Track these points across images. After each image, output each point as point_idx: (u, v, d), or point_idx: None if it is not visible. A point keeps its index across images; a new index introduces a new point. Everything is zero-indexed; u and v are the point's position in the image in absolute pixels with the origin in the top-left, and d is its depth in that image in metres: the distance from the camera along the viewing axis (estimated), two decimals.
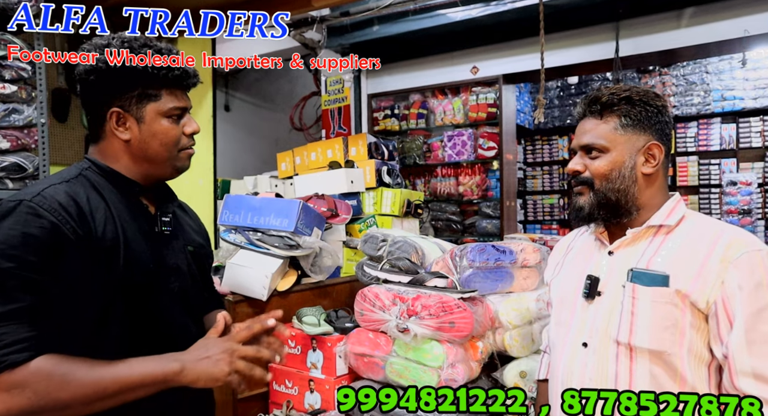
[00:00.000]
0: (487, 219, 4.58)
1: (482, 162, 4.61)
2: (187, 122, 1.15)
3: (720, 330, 1.04)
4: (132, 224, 1.08)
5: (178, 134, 1.12)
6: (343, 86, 4.96)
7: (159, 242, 1.13)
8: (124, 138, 1.10)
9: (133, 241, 1.06)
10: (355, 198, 2.72)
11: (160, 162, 1.12)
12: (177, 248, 1.17)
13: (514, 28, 4.11)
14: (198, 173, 3.38)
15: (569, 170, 1.20)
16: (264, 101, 6.57)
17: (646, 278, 1.08)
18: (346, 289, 2.37)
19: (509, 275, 1.96)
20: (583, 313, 1.17)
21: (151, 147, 1.10)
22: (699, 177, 5.99)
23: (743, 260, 1.04)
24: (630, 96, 1.15)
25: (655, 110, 1.16)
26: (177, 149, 1.13)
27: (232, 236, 2.11)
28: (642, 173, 1.15)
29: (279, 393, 1.99)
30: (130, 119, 1.10)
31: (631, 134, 1.14)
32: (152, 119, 1.10)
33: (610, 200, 1.14)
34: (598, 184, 1.15)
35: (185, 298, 1.16)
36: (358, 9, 4.27)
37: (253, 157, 5.92)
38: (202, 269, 1.26)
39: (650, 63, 5.14)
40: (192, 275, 1.19)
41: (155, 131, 1.10)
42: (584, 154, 1.18)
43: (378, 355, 1.77)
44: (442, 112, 4.74)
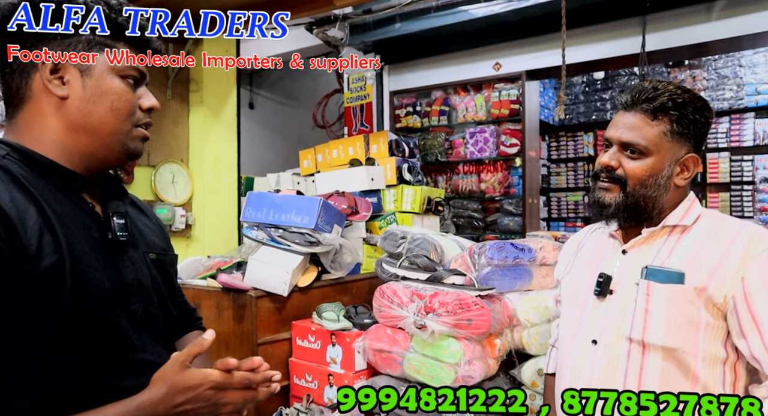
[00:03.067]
0: (509, 216, 4.55)
1: (504, 159, 4.58)
2: (145, 95, 0.91)
3: (742, 326, 1.03)
4: (77, 232, 0.82)
5: (133, 101, 0.88)
6: (365, 84, 4.98)
7: (114, 253, 0.88)
8: (60, 94, 0.83)
9: (82, 254, 0.81)
10: (376, 195, 2.75)
11: (105, 135, 0.86)
12: (136, 258, 0.92)
13: (537, 23, 4.07)
14: (222, 170, 3.45)
15: (602, 163, 1.13)
16: (288, 99, 6.64)
17: (662, 275, 1.07)
18: (366, 285, 2.40)
19: (528, 273, 1.96)
20: (593, 311, 1.16)
21: (96, 111, 0.84)
22: (731, 174, 5.83)
23: (765, 256, 1.02)
24: (686, 102, 1.09)
25: (705, 121, 1.11)
26: (131, 121, 0.88)
27: (255, 232, 2.16)
28: (675, 183, 1.12)
29: (299, 386, 2.03)
30: (71, 69, 0.84)
31: (676, 141, 1.10)
32: (102, 74, 0.85)
33: (639, 205, 1.11)
34: (632, 187, 1.10)
35: (152, 321, 0.92)
36: (380, 7, 4.28)
37: (276, 154, 5.99)
38: (168, 280, 1.02)
39: (677, 57, 5.03)
40: (157, 291, 0.95)
41: (105, 88, 0.85)
42: (621, 150, 1.11)
43: (396, 351, 1.79)
44: (464, 109, 4.72)
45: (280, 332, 2.09)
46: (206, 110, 3.35)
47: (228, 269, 2.13)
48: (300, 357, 2.04)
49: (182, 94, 3.33)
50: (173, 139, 3.27)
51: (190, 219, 3.29)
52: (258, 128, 6.34)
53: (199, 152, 3.35)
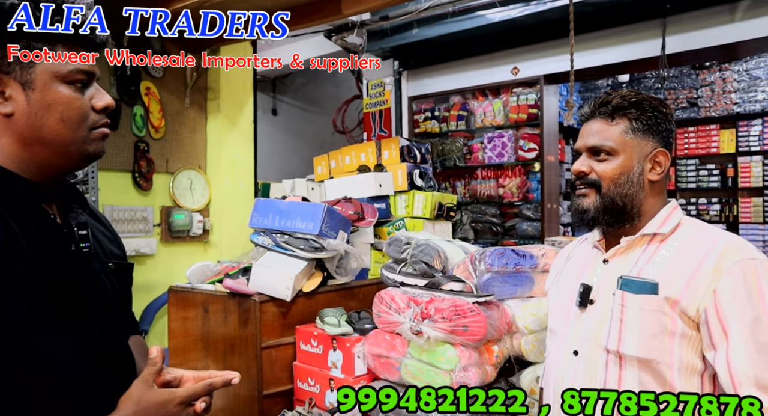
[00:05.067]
0: (527, 222, 4.51)
1: (523, 164, 4.55)
2: (96, 94, 0.86)
3: (713, 339, 1.02)
4: (43, 246, 0.81)
5: (84, 107, 0.84)
6: (384, 89, 5.02)
7: (79, 266, 0.86)
8: (4, 112, 0.80)
9: (52, 272, 0.80)
10: (384, 201, 2.77)
11: (61, 145, 0.83)
12: (98, 268, 0.92)
13: (554, 27, 4.03)
14: (239, 176, 3.52)
15: (574, 170, 1.18)
16: (310, 105, 6.73)
17: (635, 285, 1.06)
18: (373, 291, 2.40)
19: (529, 279, 1.95)
20: (576, 321, 1.17)
21: (46, 124, 0.81)
22: (763, 178, 5.65)
23: (736, 268, 1.02)
24: (640, 101, 1.14)
25: (663, 117, 1.15)
26: (85, 127, 0.84)
27: (261, 238, 2.20)
28: (648, 179, 1.14)
29: (302, 390, 2.06)
30: (11, 83, 0.80)
31: (640, 139, 1.13)
32: (46, 84, 0.81)
33: (617, 205, 1.13)
34: (606, 187, 1.13)
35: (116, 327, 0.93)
36: (397, 13, 4.32)
37: (299, 160, 6.08)
38: (125, 288, 1.01)
39: (700, 59, 4.91)
40: (117, 299, 0.95)
41: (51, 100, 0.81)
42: (590, 155, 1.16)
43: (393, 356, 1.81)
44: (483, 113, 4.71)
45: (285, 336, 2.12)
46: (223, 117, 3.43)
47: (235, 275, 2.18)
48: (303, 361, 2.08)
49: (200, 103, 3.42)
50: (191, 146, 3.36)
51: (207, 225, 3.37)
52: (281, 134, 6.45)
53: (216, 159, 3.43)
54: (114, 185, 2.99)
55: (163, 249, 3.21)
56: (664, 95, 5.97)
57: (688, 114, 5.86)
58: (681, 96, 5.94)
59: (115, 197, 3.00)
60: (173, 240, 3.23)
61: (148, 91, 3.15)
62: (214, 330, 2.17)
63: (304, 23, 2.85)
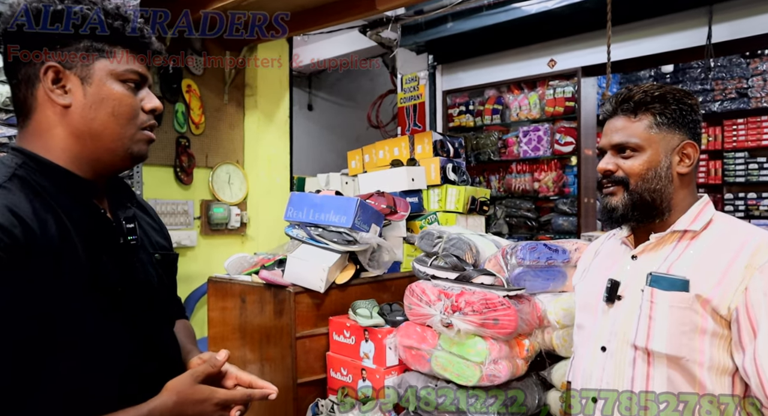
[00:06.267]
0: (563, 216, 4.45)
1: (559, 158, 4.48)
2: (147, 97, 0.92)
3: (742, 337, 1.00)
4: (92, 239, 0.85)
5: (134, 105, 0.89)
6: (418, 84, 5.02)
7: (127, 258, 0.92)
8: (63, 103, 0.85)
9: (98, 261, 0.85)
10: (417, 195, 2.78)
11: (109, 140, 0.87)
12: (145, 259, 0.97)
13: (592, 17, 3.94)
14: (275, 171, 3.60)
15: (600, 169, 1.17)
16: (345, 100, 6.78)
17: (665, 282, 1.05)
18: (405, 283, 2.42)
19: (562, 274, 1.94)
20: (603, 317, 1.16)
21: (98, 117, 0.86)
22: None
23: None
24: (663, 94, 1.13)
25: (689, 108, 1.13)
26: (134, 125, 0.89)
27: (295, 231, 2.26)
28: (677, 172, 1.12)
29: (335, 379, 2.11)
30: (72, 78, 0.86)
31: (665, 132, 1.12)
32: (101, 80, 0.86)
33: (646, 201, 1.12)
34: (634, 184, 1.12)
35: (163, 314, 1.01)
36: (431, 7, 4.31)
37: (334, 154, 6.15)
38: (171, 276, 1.07)
39: (749, 48, 4.71)
40: (163, 287, 1.02)
41: (105, 95, 0.86)
42: (615, 153, 1.15)
43: (424, 348, 1.83)
44: (518, 107, 4.66)
45: (318, 327, 2.17)
46: (260, 113, 3.51)
47: (270, 266, 2.24)
48: (336, 352, 2.12)
49: (238, 99, 3.50)
50: (229, 141, 3.45)
51: (244, 218, 3.46)
52: (316, 129, 6.53)
53: (253, 154, 3.51)
54: (157, 180, 3.11)
55: (203, 241, 3.32)
56: (710, 86, 5.75)
57: (737, 105, 5.63)
58: (729, 86, 5.71)
59: (158, 191, 3.12)
60: (212, 233, 3.34)
61: (189, 88, 3.25)
62: (251, 319, 2.24)
63: (338, 20, 2.89)
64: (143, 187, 2.99)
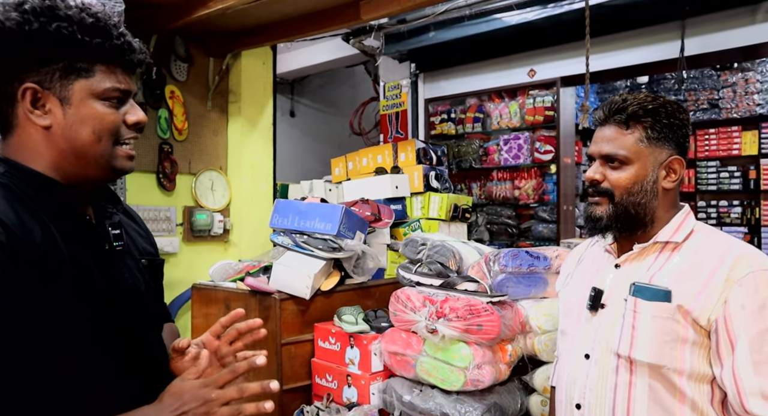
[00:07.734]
0: (543, 223, 4.53)
1: (539, 166, 4.57)
2: (130, 110, 0.90)
3: (720, 350, 1.03)
4: (78, 246, 0.86)
5: (116, 121, 0.88)
6: (400, 92, 5.07)
7: (113, 264, 0.92)
8: (43, 124, 0.85)
9: (88, 270, 0.86)
10: (400, 203, 2.82)
11: (91, 158, 0.87)
12: (131, 265, 0.97)
13: (571, 29, 4.04)
14: (259, 178, 3.60)
15: (587, 178, 1.17)
16: (327, 107, 6.81)
17: (648, 292, 1.08)
18: (389, 290, 2.45)
19: (543, 280, 1.99)
20: (586, 325, 1.18)
21: (80, 136, 0.86)
22: None
23: (748, 279, 1.02)
24: (657, 108, 1.12)
25: (680, 123, 1.13)
26: (113, 140, 0.88)
27: (281, 238, 2.27)
28: (662, 187, 1.13)
29: (321, 386, 2.12)
30: (51, 98, 0.85)
31: (655, 147, 1.12)
32: (81, 101, 0.86)
33: (630, 214, 1.13)
34: (619, 196, 1.13)
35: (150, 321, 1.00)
36: (414, 16, 4.36)
37: (316, 161, 6.16)
38: (158, 282, 1.07)
39: (720, 61, 4.87)
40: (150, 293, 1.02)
41: (85, 115, 0.86)
42: (604, 163, 1.15)
43: (409, 354, 1.86)
44: (499, 115, 4.73)
45: (304, 333, 2.19)
46: (244, 120, 3.51)
47: (255, 273, 2.25)
48: (321, 358, 2.14)
49: (221, 106, 3.50)
50: (212, 148, 3.44)
51: (227, 224, 3.45)
52: (299, 135, 6.53)
53: (236, 160, 3.51)
54: (140, 186, 3.09)
55: (185, 248, 3.30)
56: (683, 97, 5.92)
57: (709, 115, 5.81)
58: (701, 97, 5.89)
59: (141, 197, 3.10)
60: (195, 239, 3.32)
61: (173, 94, 3.24)
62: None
63: (324, 28, 2.92)
64: (126, 193, 2.97)
